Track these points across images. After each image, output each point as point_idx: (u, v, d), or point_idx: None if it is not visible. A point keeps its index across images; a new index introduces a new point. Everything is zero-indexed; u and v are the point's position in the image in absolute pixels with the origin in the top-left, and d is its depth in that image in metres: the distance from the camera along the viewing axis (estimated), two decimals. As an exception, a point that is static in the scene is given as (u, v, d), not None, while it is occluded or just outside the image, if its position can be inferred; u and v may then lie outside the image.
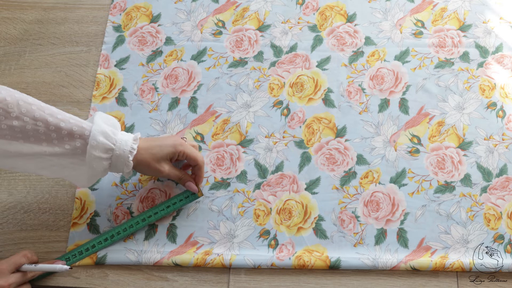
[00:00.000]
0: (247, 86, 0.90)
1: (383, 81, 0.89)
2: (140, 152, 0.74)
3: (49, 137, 0.68)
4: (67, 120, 0.69)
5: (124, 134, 0.73)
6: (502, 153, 0.84)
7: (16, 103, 0.66)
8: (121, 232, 0.79)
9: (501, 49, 0.91)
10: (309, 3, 0.96)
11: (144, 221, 0.80)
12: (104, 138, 0.70)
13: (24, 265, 0.74)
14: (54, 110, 0.69)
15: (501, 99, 0.87)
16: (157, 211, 0.80)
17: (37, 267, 0.74)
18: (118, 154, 0.71)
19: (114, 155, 0.71)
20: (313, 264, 0.77)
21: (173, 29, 0.95)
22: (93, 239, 0.79)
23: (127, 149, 0.72)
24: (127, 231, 0.79)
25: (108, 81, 0.91)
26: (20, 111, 0.66)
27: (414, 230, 0.79)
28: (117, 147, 0.71)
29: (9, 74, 0.92)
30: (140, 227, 0.79)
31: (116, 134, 0.72)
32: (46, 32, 0.96)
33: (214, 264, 0.77)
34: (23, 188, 0.84)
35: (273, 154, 0.85)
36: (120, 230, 0.79)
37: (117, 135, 0.72)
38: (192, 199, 0.81)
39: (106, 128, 0.71)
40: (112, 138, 0.71)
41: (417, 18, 0.94)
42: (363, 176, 0.83)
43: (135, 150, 0.73)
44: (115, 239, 0.79)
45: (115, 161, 0.72)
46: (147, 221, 0.80)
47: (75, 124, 0.69)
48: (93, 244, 0.78)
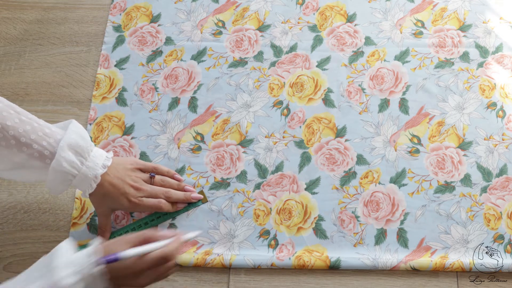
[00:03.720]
0: (247, 86, 0.90)
1: (383, 81, 0.89)
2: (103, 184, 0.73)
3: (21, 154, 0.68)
4: (38, 142, 0.68)
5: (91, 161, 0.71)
6: (502, 153, 0.84)
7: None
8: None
9: (501, 49, 0.91)
10: (309, 3, 0.96)
11: (147, 225, 0.80)
12: (69, 164, 0.69)
13: None
14: (27, 128, 0.68)
15: (501, 99, 0.87)
16: (159, 215, 0.80)
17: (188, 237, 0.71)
18: (82, 178, 0.71)
19: (77, 178, 0.71)
20: (313, 264, 0.77)
21: (173, 29, 0.95)
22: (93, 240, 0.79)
23: (91, 176, 0.71)
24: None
25: (108, 81, 0.91)
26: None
27: (414, 230, 0.79)
28: (81, 173, 0.70)
29: (9, 74, 0.92)
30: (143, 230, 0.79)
31: (83, 161, 0.71)
32: (46, 32, 0.96)
33: (214, 264, 0.77)
34: (23, 188, 0.84)
35: (273, 154, 0.85)
36: (122, 233, 0.79)
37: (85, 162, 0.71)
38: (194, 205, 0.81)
39: (72, 157, 0.69)
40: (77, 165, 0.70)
41: (417, 18, 0.94)
42: (363, 176, 0.83)
43: (99, 180, 0.72)
44: None
45: (77, 183, 0.71)
46: (150, 224, 0.80)
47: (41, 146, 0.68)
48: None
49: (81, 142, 0.70)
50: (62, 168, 0.69)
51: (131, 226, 0.79)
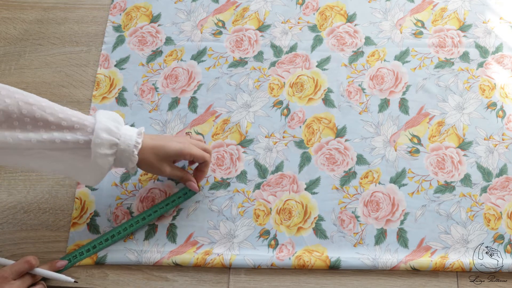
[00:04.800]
0: (247, 86, 0.90)
1: (383, 81, 0.89)
2: (144, 151, 0.73)
3: (51, 136, 0.67)
4: (69, 119, 0.68)
5: (128, 129, 0.72)
6: (502, 153, 0.84)
7: (17, 104, 0.66)
8: (121, 232, 0.79)
9: (501, 49, 0.91)
10: (309, 3, 0.96)
11: (144, 220, 0.80)
12: (108, 134, 0.69)
13: (36, 269, 0.74)
14: (55, 108, 0.68)
15: (501, 99, 0.87)
16: (156, 210, 0.80)
17: (43, 273, 0.74)
18: (122, 149, 0.71)
19: (118, 150, 0.71)
20: (313, 264, 0.77)
21: (173, 29, 0.95)
22: (93, 240, 0.79)
23: (132, 143, 0.71)
24: (127, 230, 0.79)
25: (108, 81, 0.91)
26: (20, 112, 0.66)
27: (414, 230, 0.79)
28: (122, 141, 0.70)
29: (9, 74, 0.92)
30: (140, 226, 0.79)
31: (120, 129, 0.71)
32: (46, 32, 0.96)
33: (214, 264, 0.77)
34: (23, 188, 0.84)
35: (273, 154, 0.85)
36: (120, 230, 0.79)
37: (121, 130, 0.71)
38: (190, 195, 0.81)
39: (109, 124, 0.70)
40: (116, 133, 0.70)
41: (417, 18, 0.94)
42: (363, 176, 0.83)
43: (140, 144, 0.72)
44: (115, 239, 0.79)
45: (119, 156, 0.71)
46: (147, 219, 0.80)
47: (77, 123, 0.68)
48: (94, 244, 0.78)
49: (113, 119, 0.72)
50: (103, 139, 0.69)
51: (128, 223, 0.79)
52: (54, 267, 0.76)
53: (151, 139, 0.75)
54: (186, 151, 0.76)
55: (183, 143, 0.77)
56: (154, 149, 0.74)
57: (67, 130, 0.68)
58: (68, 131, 0.68)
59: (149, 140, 0.74)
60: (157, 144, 0.75)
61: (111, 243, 0.79)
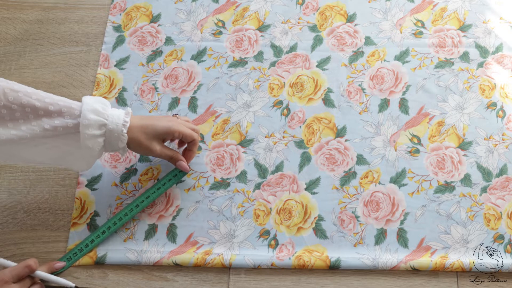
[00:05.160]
0: (247, 86, 0.90)
1: (383, 81, 0.89)
2: (132, 130, 0.74)
3: (40, 122, 0.68)
4: (56, 103, 0.69)
5: (116, 110, 0.73)
6: (502, 153, 0.84)
7: (2, 92, 0.67)
8: (117, 222, 0.79)
9: (501, 49, 0.91)
10: (309, 3, 0.96)
11: (138, 207, 0.80)
12: (95, 115, 0.70)
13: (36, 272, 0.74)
14: (41, 94, 0.69)
15: (501, 99, 0.87)
16: (148, 195, 0.81)
17: (42, 276, 0.74)
18: (111, 129, 0.72)
19: (107, 130, 0.72)
20: (313, 264, 0.77)
21: (173, 29, 0.95)
22: (90, 235, 0.79)
23: (120, 122, 0.72)
24: (122, 220, 0.79)
25: (108, 81, 0.91)
26: (7, 99, 0.67)
27: (414, 230, 0.79)
28: (110, 121, 0.72)
29: (9, 74, 0.92)
30: (135, 213, 0.80)
31: (107, 109, 0.72)
32: (46, 32, 0.96)
33: (214, 264, 0.77)
34: (23, 188, 0.84)
35: (273, 154, 0.85)
36: (115, 220, 0.79)
37: (108, 111, 0.72)
38: (180, 176, 0.82)
39: (96, 105, 0.71)
40: (103, 113, 0.71)
41: (417, 18, 0.94)
42: (363, 176, 0.83)
43: (128, 123, 0.73)
44: (112, 230, 0.79)
45: (109, 136, 0.72)
46: (140, 206, 0.80)
47: (64, 106, 0.70)
48: (92, 239, 0.78)
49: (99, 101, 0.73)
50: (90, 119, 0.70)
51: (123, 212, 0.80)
52: (53, 268, 0.76)
53: (140, 119, 0.76)
54: (175, 128, 0.77)
55: (172, 121, 0.78)
56: (143, 128, 0.75)
57: (56, 115, 0.69)
58: (57, 115, 0.69)
59: (137, 120, 0.75)
60: (146, 123, 0.76)
61: (108, 235, 0.79)
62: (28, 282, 0.72)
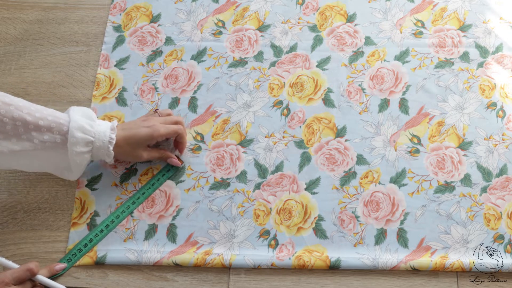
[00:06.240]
0: (247, 86, 0.90)
1: (383, 81, 0.89)
2: (118, 143, 0.77)
3: (29, 136, 0.71)
4: (45, 118, 0.72)
5: (101, 125, 0.76)
6: (502, 153, 0.84)
7: None
8: (114, 220, 0.79)
9: (501, 49, 0.91)
10: (309, 3, 0.96)
11: (134, 204, 0.81)
12: (82, 133, 0.73)
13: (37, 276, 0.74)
14: (32, 108, 0.72)
15: (501, 99, 0.87)
16: (144, 191, 0.82)
17: (43, 281, 0.74)
18: (98, 146, 0.75)
19: (94, 147, 0.75)
20: (313, 264, 0.77)
21: (173, 29, 0.95)
22: (88, 234, 0.79)
23: (106, 139, 0.76)
24: (120, 217, 0.80)
25: (108, 81, 0.91)
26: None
27: (414, 230, 0.79)
28: (96, 139, 0.75)
29: (9, 74, 0.92)
30: (132, 210, 0.81)
31: (93, 126, 0.75)
32: (46, 32, 0.96)
33: (214, 264, 0.77)
34: (23, 188, 0.84)
35: (273, 154, 0.85)
36: (113, 218, 0.80)
37: (95, 127, 0.75)
38: (173, 171, 0.83)
39: (82, 121, 0.74)
40: (89, 131, 0.74)
41: (417, 18, 0.94)
42: (363, 176, 0.83)
43: (114, 139, 0.76)
44: (110, 228, 0.79)
45: (96, 152, 0.76)
46: (137, 203, 0.81)
47: (53, 121, 0.72)
48: (90, 238, 0.79)
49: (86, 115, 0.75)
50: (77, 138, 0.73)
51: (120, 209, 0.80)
52: (53, 270, 0.76)
53: (122, 130, 0.78)
54: (155, 134, 0.79)
55: (151, 126, 0.80)
56: (126, 139, 0.78)
57: (45, 130, 0.72)
58: (46, 131, 0.72)
59: (120, 132, 0.78)
60: (128, 134, 0.78)
61: (107, 233, 0.79)
62: (29, 285, 0.72)
